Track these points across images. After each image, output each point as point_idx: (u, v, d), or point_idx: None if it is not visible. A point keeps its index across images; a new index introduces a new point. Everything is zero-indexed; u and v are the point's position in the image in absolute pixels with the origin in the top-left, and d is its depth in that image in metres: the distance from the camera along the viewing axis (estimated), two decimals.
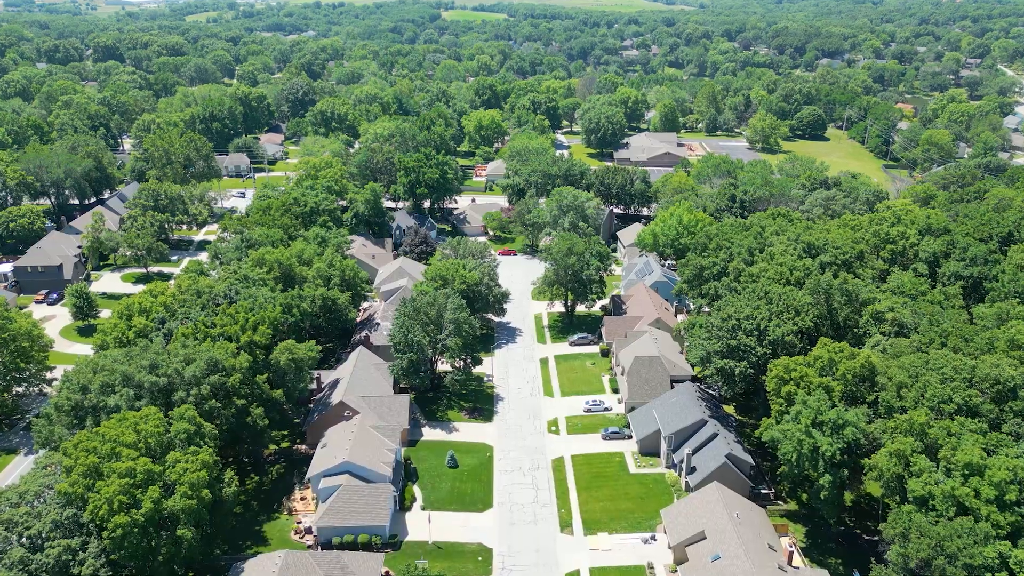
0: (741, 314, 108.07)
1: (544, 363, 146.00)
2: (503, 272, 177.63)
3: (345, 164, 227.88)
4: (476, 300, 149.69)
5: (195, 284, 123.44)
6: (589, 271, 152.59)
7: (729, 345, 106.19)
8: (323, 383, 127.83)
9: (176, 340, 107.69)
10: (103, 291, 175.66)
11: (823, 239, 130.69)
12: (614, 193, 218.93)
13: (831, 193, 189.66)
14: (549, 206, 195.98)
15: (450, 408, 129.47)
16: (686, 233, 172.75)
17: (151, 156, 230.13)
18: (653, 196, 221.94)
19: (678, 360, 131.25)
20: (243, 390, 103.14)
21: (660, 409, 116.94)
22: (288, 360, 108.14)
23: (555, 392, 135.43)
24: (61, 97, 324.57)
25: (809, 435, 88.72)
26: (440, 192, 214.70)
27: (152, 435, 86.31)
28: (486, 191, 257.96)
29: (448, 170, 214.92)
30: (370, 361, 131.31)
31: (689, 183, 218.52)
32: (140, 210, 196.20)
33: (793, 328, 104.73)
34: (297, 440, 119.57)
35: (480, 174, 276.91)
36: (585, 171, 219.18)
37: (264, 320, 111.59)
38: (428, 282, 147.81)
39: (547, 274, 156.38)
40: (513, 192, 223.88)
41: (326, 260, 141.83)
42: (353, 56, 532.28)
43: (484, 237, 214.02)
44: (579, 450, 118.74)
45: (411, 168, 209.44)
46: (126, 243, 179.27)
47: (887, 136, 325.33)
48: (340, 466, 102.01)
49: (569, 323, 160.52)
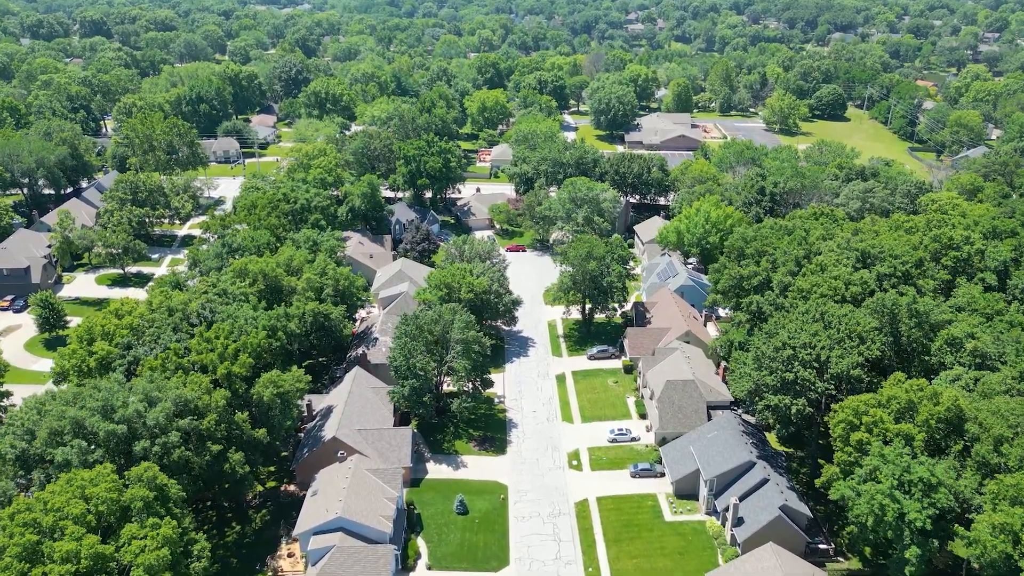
0: (796, 341, 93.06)
1: (561, 380, 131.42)
2: (511, 270, 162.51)
3: (340, 151, 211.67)
4: (485, 309, 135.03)
5: (167, 301, 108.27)
6: (610, 277, 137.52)
7: (784, 379, 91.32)
8: (314, 410, 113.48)
9: (142, 373, 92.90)
10: (76, 295, 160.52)
11: (878, 245, 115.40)
12: (630, 182, 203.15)
13: (868, 185, 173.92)
14: (561, 198, 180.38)
15: (458, 437, 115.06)
16: (714, 231, 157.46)
17: (131, 142, 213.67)
18: (671, 185, 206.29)
19: (714, 383, 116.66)
20: (219, 433, 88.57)
21: (699, 445, 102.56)
22: (273, 395, 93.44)
23: (575, 417, 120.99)
24: (41, 76, 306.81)
25: (894, 499, 74.30)
26: (443, 182, 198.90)
27: (104, 502, 71.83)
28: (491, 178, 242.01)
29: (451, 158, 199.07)
30: (367, 384, 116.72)
31: (710, 171, 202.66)
32: (117, 204, 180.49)
33: (859, 359, 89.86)
34: (285, 480, 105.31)
35: (484, 159, 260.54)
36: (599, 159, 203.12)
37: (245, 347, 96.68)
38: (431, 290, 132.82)
39: (563, 279, 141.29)
40: (521, 181, 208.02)
41: (317, 268, 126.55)
42: (349, 31, 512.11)
43: (490, 231, 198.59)
44: (605, 490, 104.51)
45: (412, 157, 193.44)
46: (101, 242, 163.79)
47: (912, 117, 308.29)
48: (333, 522, 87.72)
49: (587, 332, 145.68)
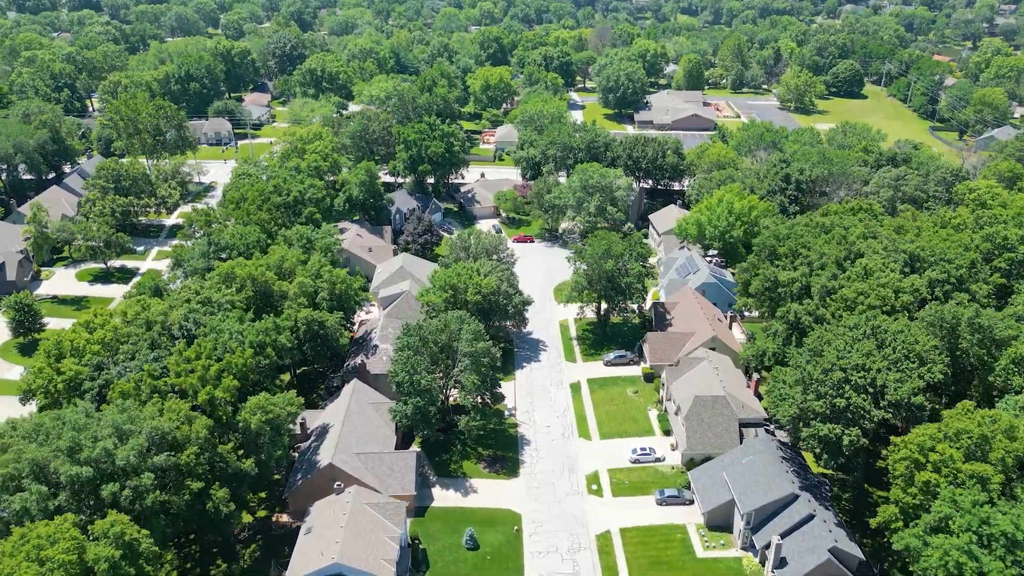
0: (848, 362, 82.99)
1: (576, 390, 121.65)
2: (519, 263, 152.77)
3: (337, 134, 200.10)
4: (493, 311, 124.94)
5: (144, 312, 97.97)
6: (629, 277, 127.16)
7: (834, 406, 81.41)
8: (309, 429, 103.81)
9: (113, 399, 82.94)
10: (54, 293, 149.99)
11: (928, 247, 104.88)
12: (643, 168, 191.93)
13: (900, 171, 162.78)
14: (571, 186, 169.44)
15: (466, 457, 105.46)
16: (738, 224, 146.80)
17: (115, 125, 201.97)
18: (687, 170, 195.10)
19: (745, 398, 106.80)
20: (200, 468, 78.86)
21: (733, 472, 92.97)
22: (261, 422, 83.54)
23: (592, 433, 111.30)
24: (25, 52, 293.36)
25: (972, 556, 64.76)
26: (445, 168, 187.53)
27: (61, 567, 62.24)
28: (495, 160, 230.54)
29: (454, 142, 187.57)
30: (367, 399, 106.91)
31: (729, 155, 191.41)
32: (99, 192, 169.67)
33: (920, 384, 79.91)
34: (276, 509, 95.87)
35: (488, 140, 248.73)
36: (610, 143, 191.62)
37: (230, 368, 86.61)
38: (436, 291, 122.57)
39: (577, 278, 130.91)
40: (528, 167, 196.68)
41: (311, 270, 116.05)
42: (346, 3, 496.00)
43: (496, 220, 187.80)
44: (629, 520, 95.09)
45: (412, 142, 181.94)
46: (81, 235, 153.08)
47: (933, 94, 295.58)
48: (329, 568, 78.29)
49: (602, 335, 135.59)
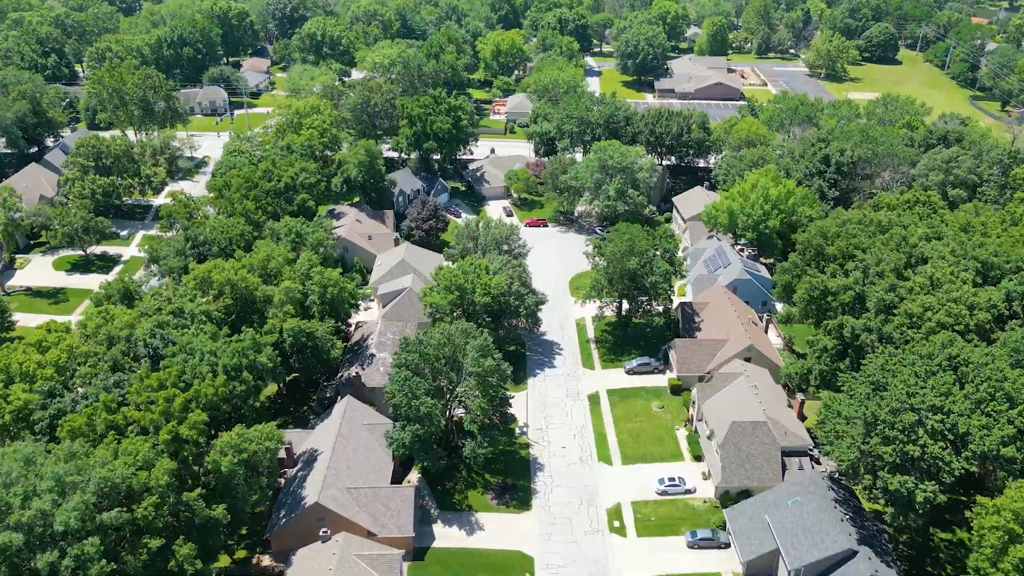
0: (921, 401, 70.32)
1: (594, 402, 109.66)
2: (533, 247, 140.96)
3: (337, 107, 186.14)
4: (503, 313, 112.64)
5: (107, 324, 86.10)
6: (655, 276, 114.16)
7: (906, 453, 68.99)
8: (296, 454, 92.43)
9: (62, 436, 71.46)
10: (29, 285, 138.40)
11: (1003, 252, 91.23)
12: (667, 144, 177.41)
13: (952, 152, 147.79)
14: (589, 166, 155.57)
15: (472, 486, 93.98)
16: (774, 212, 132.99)
17: (100, 96, 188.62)
18: (713, 146, 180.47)
19: (788, 421, 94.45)
20: (160, 521, 67.59)
21: (777, 516, 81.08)
22: (233, 464, 71.94)
23: (613, 455, 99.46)
24: (12, 14, 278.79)
25: None
26: (452, 144, 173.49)
27: None
28: (506, 133, 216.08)
29: (462, 115, 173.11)
30: (360, 419, 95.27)
31: (759, 131, 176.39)
32: (79, 171, 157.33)
33: (1011, 431, 67.28)
34: (258, 549, 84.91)
35: (498, 111, 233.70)
36: (631, 117, 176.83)
37: (199, 398, 74.88)
38: (440, 291, 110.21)
39: (596, 276, 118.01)
40: (541, 142, 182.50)
41: (300, 270, 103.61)
42: None
43: (507, 200, 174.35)
44: (658, 566, 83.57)
45: (417, 117, 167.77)
46: (56, 220, 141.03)
47: (974, 60, 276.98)
48: None
49: (623, 336, 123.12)
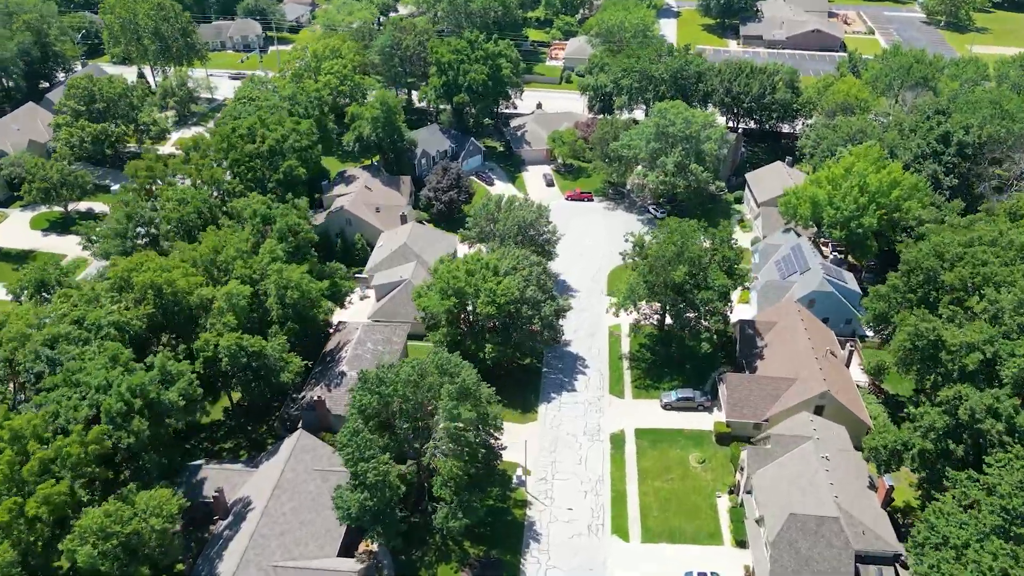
0: None
1: (618, 445, 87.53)
2: (570, 229, 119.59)
3: (367, 48, 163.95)
4: (514, 325, 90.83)
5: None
6: (708, 292, 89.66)
7: None
8: (226, 501, 74.19)
9: None
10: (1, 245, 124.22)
11: None
12: (745, 106, 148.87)
13: None
14: (644, 133, 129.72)
15: (445, 559, 73.98)
16: (872, 207, 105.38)
17: (112, 28, 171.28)
18: (802, 108, 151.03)
19: (868, 515, 70.30)
20: None
21: None
22: (92, 558, 53.43)
23: (632, 528, 77.64)
24: None
25: None
26: (488, 99, 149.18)
27: None
28: (561, 83, 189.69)
29: (503, 64, 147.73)
30: (312, 463, 76.04)
31: (861, 93, 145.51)
32: (70, 116, 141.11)
33: None
34: None
35: (556, 56, 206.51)
36: (704, 73, 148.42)
37: (64, 459, 56.51)
38: (436, 296, 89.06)
39: (635, 284, 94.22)
40: (596, 97, 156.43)
41: (258, 264, 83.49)
42: None
43: (549, 167, 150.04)
44: None
45: (448, 64, 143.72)
46: (34, 173, 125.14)
47: None
48: None
49: (665, 355, 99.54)
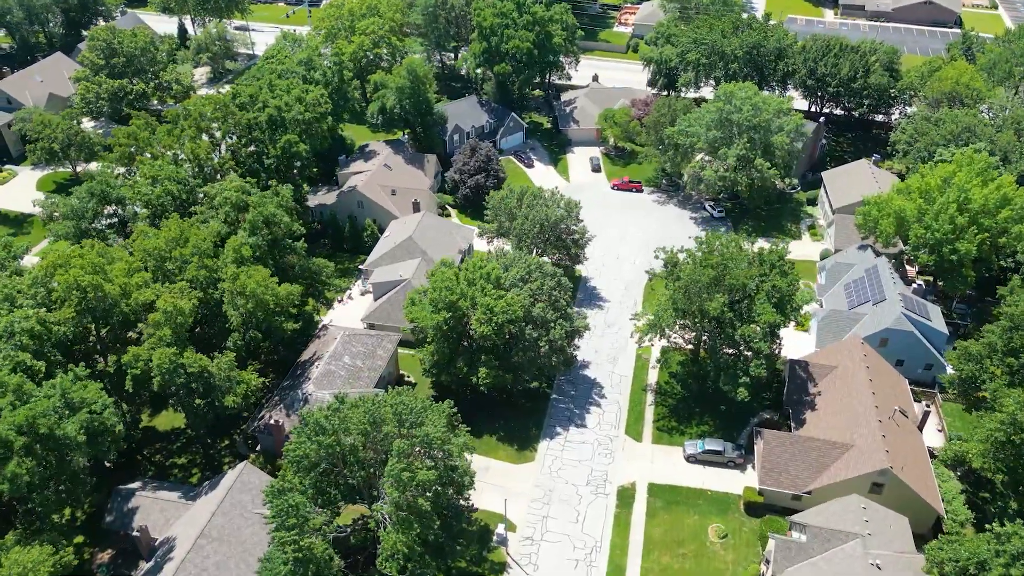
0: None
1: (625, 503, 72.90)
2: (610, 224, 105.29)
3: (410, 7, 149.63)
4: (517, 347, 76.69)
5: None
6: (749, 329, 73.01)
7: None
8: (151, 541, 63.51)
9: None
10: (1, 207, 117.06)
11: None
12: (831, 90, 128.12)
13: None
14: (705, 119, 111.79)
15: None
16: (972, 230, 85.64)
17: None
18: (900, 95, 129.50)
19: None
20: None
21: None
22: None
23: None
24: None
25: None
26: (533, 69, 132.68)
27: None
28: (628, 52, 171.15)
29: (553, 31, 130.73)
30: (253, 503, 64.26)
31: (974, 82, 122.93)
32: (90, 71, 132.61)
33: None
34: None
35: (625, 21, 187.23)
36: (785, 50, 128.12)
37: None
38: (428, 309, 75.63)
39: (663, 311, 78.20)
40: (658, 71, 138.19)
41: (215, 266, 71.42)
42: None
43: (599, 149, 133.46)
44: None
45: (489, 29, 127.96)
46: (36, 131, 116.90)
47: None
48: None
49: (698, 391, 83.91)
